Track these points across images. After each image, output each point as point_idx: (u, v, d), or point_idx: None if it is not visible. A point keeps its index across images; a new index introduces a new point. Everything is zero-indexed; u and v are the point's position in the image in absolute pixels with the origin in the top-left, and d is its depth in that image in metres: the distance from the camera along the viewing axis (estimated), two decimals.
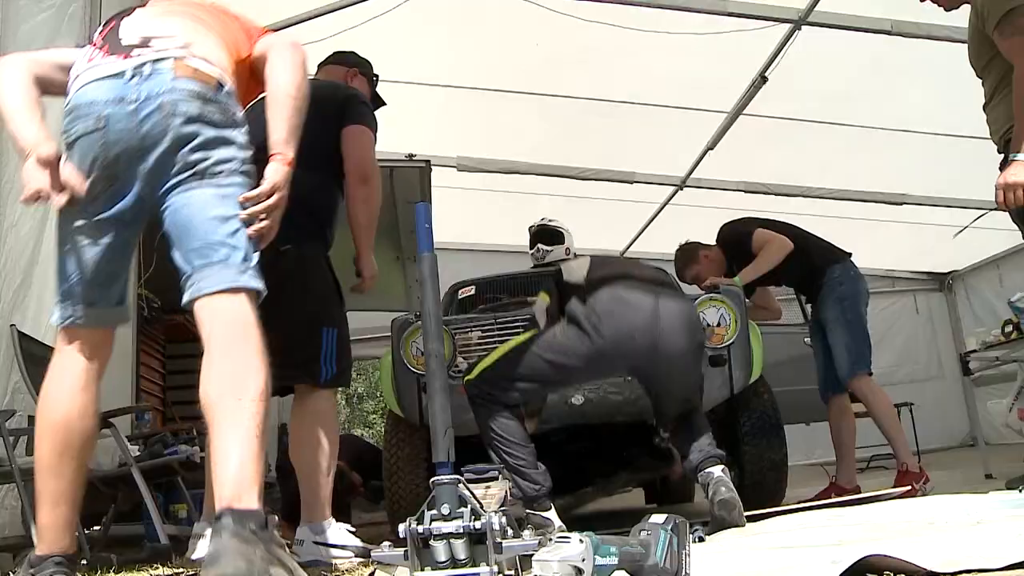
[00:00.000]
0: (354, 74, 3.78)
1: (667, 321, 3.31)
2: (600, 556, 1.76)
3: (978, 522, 2.45)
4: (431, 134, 7.57)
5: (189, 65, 2.23)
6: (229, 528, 1.84)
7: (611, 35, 5.86)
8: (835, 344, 4.70)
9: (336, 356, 3.19)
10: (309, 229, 3.22)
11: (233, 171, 2.22)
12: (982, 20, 3.22)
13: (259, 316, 2.21)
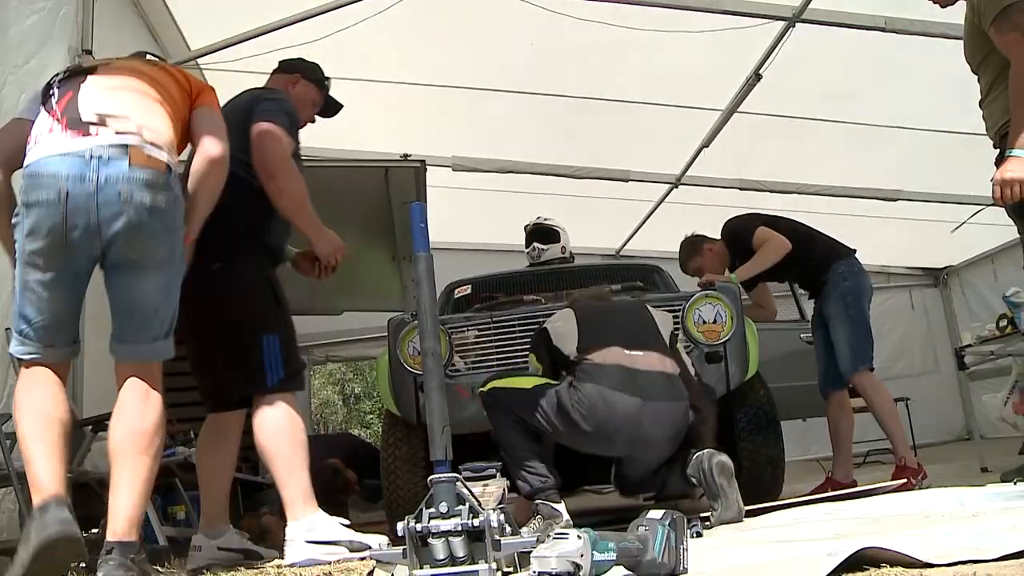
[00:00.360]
0: (295, 80, 3.80)
1: (649, 428, 3.41)
2: (598, 552, 1.77)
3: (973, 515, 2.46)
4: (426, 134, 7.57)
5: (144, 153, 2.53)
6: (116, 559, 2.47)
7: (605, 34, 5.86)
8: (838, 340, 4.72)
9: (282, 361, 3.22)
10: (238, 244, 3.26)
11: (170, 260, 2.65)
12: (978, 16, 3.22)
13: (201, 336, 2.89)
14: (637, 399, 3.39)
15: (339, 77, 6.60)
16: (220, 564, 3.11)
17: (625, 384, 3.42)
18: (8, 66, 4.14)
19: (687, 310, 4.27)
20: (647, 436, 3.41)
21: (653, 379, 3.48)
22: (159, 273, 2.65)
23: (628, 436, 3.41)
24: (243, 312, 3.20)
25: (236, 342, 3.20)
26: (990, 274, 10.35)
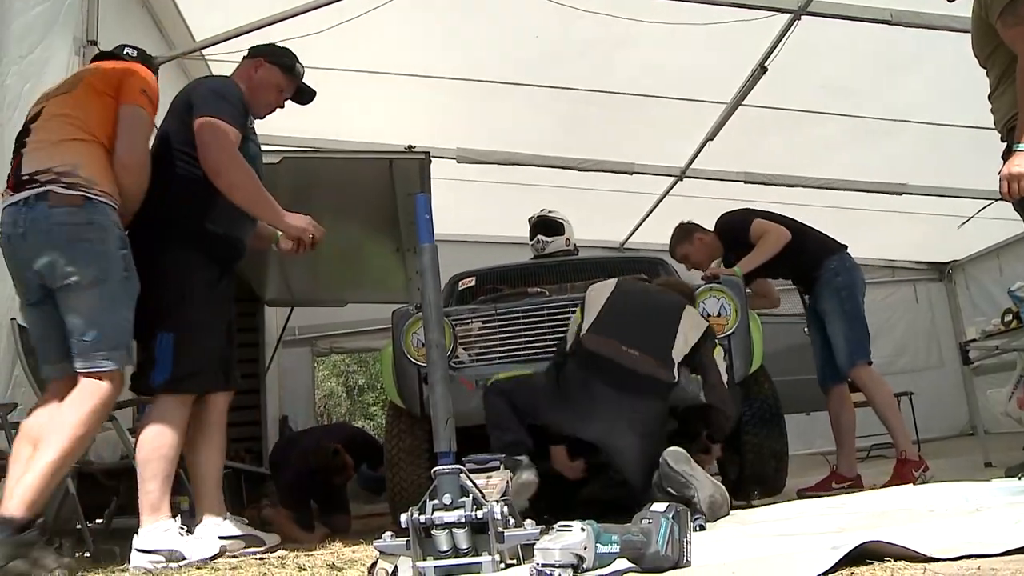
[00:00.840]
0: (259, 64, 3.68)
1: (620, 421, 3.44)
2: (602, 544, 1.77)
3: (977, 509, 2.46)
4: (430, 126, 7.57)
5: (59, 193, 2.94)
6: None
7: (610, 26, 5.84)
8: (834, 335, 4.72)
9: (172, 361, 3.18)
10: (172, 236, 3.26)
11: (103, 279, 2.96)
12: (985, 9, 3.22)
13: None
14: (614, 391, 3.49)
15: (344, 68, 6.65)
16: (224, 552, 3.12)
17: (609, 376, 3.53)
18: (12, 56, 4.13)
19: None
20: (617, 427, 3.44)
21: (637, 378, 3.54)
22: (92, 293, 2.94)
23: (601, 424, 3.45)
24: (147, 305, 3.13)
25: (140, 335, 3.17)
26: (995, 268, 10.33)
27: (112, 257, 2.97)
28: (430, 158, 6.12)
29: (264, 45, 3.82)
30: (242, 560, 2.93)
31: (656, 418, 3.52)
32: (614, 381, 3.52)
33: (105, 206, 2.99)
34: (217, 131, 3.22)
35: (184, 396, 3.23)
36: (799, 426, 5.24)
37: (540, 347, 4.27)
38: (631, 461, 3.36)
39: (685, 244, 5.20)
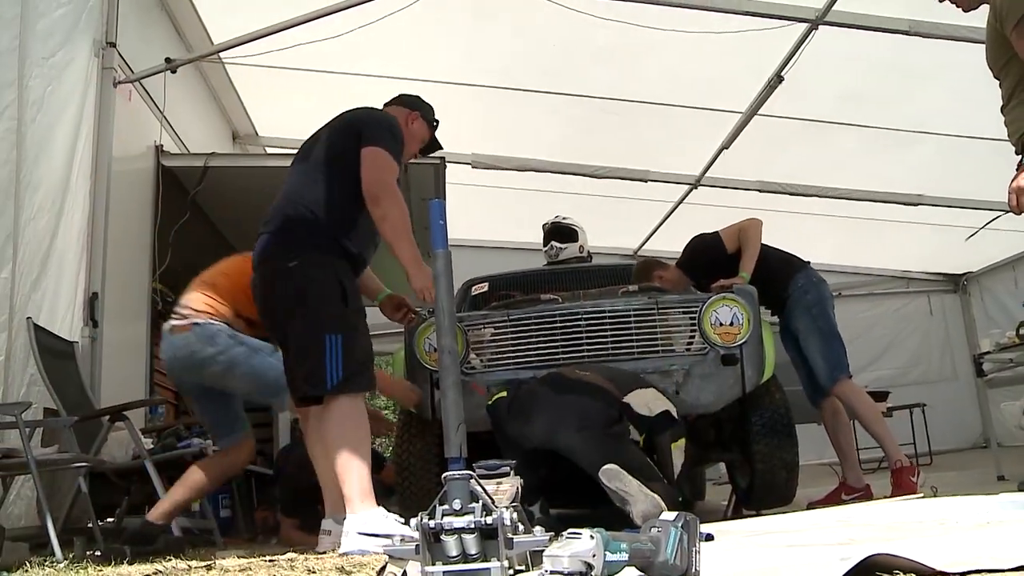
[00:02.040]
0: (414, 117, 3.88)
1: (558, 423, 3.61)
2: (610, 552, 1.77)
3: (988, 523, 2.44)
4: (446, 131, 7.56)
5: (175, 324, 3.77)
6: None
7: (627, 34, 5.85)
8: (811, 354, 4.68)
9: (343, 362, 3.21)
10: (316, 243, 3.33)
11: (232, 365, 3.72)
12: (1000, 20, 3.19)
13: (274, 331, 3.46)
14: (551, 390, 3.76)
15: (359, 73, 6.68)
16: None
17: (555, 383, 3.81)
18: (35, 58, 4.18)
19: (704, 312, 4.25)
20: (555, 425, 3.62)
21: (574, 385, 3.77)
22: (233, 375, 3.73)
23: (543, 422, 3.64)
24: (310, 312, 3.24)
25: (300, 341, 3.25)
26: (1011, 280, 10.27)
27: (230, 349, 3.71)
28: (445, 163, 6.14)
29: (417, 98, 4.01)
30: (252, 562, 2.94)
31: (593, 407, 3.66)
32: (555, 386, 3.77)
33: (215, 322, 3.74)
34: (385, 163, 3.40)
35: (357, 393, 3.30)
36: (811, 436, 5.21)
37: (552, 354, 4.27)
38: (575, 454, 3.51)
39: (657, 272, 5.06)
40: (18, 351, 3.91)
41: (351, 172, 3.38)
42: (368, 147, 3.40)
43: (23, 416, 3.30)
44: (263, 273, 3.37)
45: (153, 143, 5.72)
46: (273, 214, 3.43)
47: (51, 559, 3.01)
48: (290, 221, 3.37)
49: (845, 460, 4.80)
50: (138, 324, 5.51)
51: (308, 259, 3.29)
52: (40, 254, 4.17)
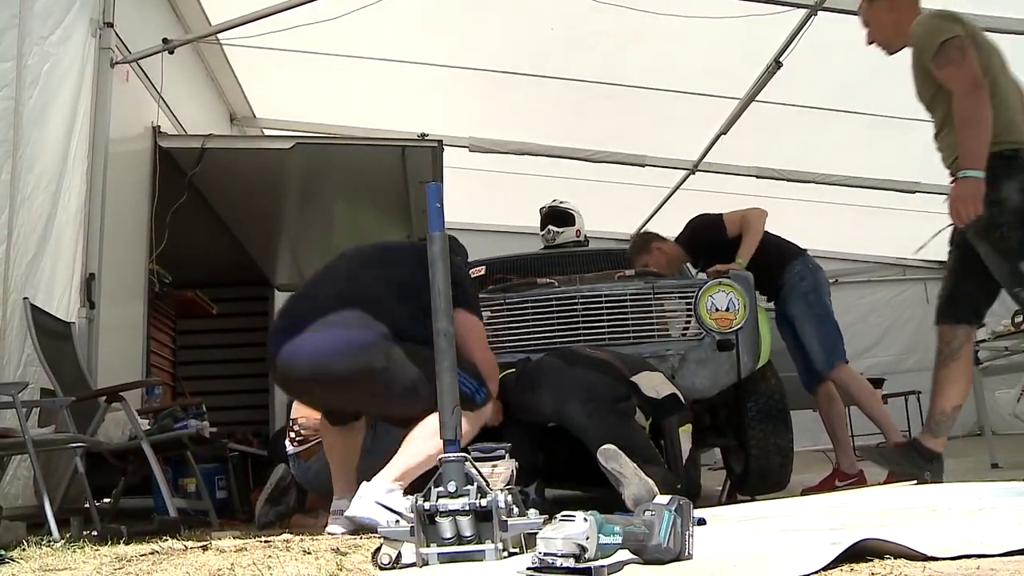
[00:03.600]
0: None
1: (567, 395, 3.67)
2: (604, 535, 1.78)
3: (980, 509, 2.46)
4: (444, 114, 7.58)
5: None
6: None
7: (625, 19, 5.84)
8: (808, 340, 4.69)
9: (476, 382, 3.29)
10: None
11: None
12: (920, 54, 3.53)
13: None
14: (561, 363, 3.80)
15: (358, 56, 6.66)
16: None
17: (563, 356, 3.87)
18: (34, 37, 4.16)
19: (700, 297, 4.26)
20: (564, 397, 3.67)
21: (580, 359, 3.83)
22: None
23: (550, 392, 3.70)
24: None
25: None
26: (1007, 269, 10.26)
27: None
28: (443, 146, 6.13)
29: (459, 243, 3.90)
30: (248, 543, 2.95)
31: (602, 382, 3.70)
32: (558, 364, 3.80)
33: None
34: (477, 332, 3.41)
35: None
36: (805, 422, 5.23)
37: (548, 337, 4.28)
38: (585, 425, 3.55)
39: (644, 255, 5.08)
40: (15, 331, 3.91)
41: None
42: (461, 311, 3.29)
43: (20, 396, 3.30)
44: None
45: (150, 124, 5.70)
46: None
47: (48, 539, 3.02)
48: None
49: (839, 446, 4.81)
50: (135, 305, 5.51)
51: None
52: (36, 234, 4.16)
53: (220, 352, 9.10)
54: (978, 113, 3.33)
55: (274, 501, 4.21)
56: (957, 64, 3.37)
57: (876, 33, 3.95)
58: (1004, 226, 3.36)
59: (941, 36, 3.42)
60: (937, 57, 3.41)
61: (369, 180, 6.74)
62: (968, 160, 3.30)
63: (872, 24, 3.96)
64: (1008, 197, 3.34)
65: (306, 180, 6.82)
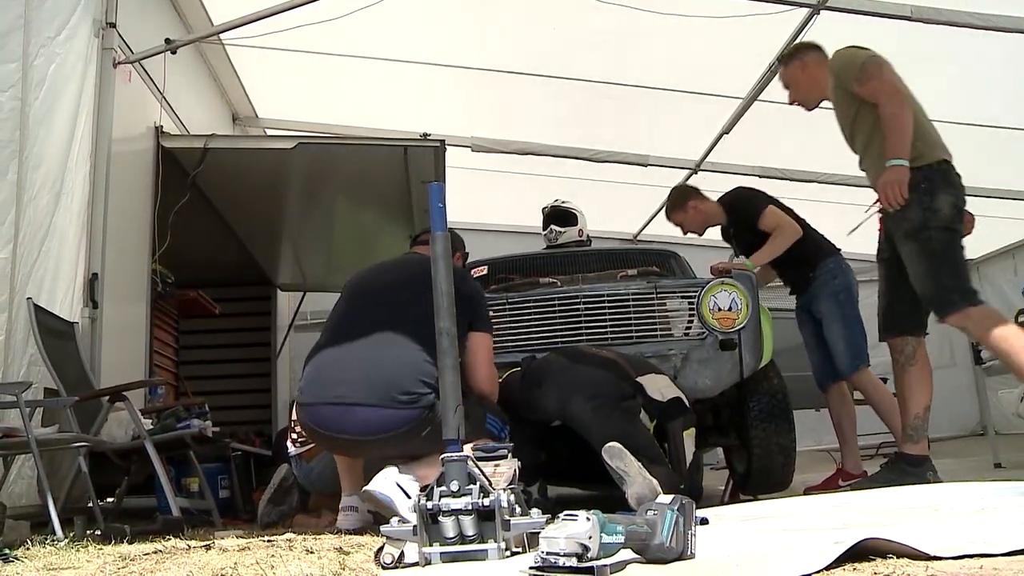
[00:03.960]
0: (457, 258, 3.93)
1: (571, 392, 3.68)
2: (606, 534, 1.78)
3: (983, 509, 2.46)
4: (446, 114, 7.58)
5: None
6: None
7: (628, 18, 5.83)
8: (833, 339, 4.67)
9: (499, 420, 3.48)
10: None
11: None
12: (841, 81, 3.95)
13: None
14: (566, 361, 3.82)
15: (360, 56, 6.66)
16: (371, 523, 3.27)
17: (568, 354, 3.89)
18: (41, 38, 4.17)
19: (702, 296, 4.26)
20: (567, 394, 3.68)
21: (586, 358, 3.86)
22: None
23: (556, 389, 3.72)
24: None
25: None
26: (1010, 268, 10.26)
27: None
28: (445, 146, 6.13)
29: (456, 237, 3.96)
30: (251, 542, 2.96)
31: (606, 380, 3.72)
32: (563, 362, 3.82)
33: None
34: (488, 356, 3.54)
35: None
36: (808, 422, 5.22)
37: (551, 337, 4.28)
38: (590, 422, 3.56)
39: (679, 213, 5.19)
40: (19, 331, 3.91)
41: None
42: (477, 335, 3.48)
43: (24, 396, 3.31)
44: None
45: (153, 124, 5.70)
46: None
47: (52, 538, 3.03)
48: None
49: (846, 445, 4.80)
50: (138, 305, 5.51)
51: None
52: (40, 234, 4.17)
53: (223, 352, 9.11)
54: (902, 112, 3.73)
55: (277, 501, 4.22)
56: (878, 77, 3.79)
57: (795, 93, 4.41)
58: (933, 230, 3.72)
59: (860, 58, 3.87)
60: (859, 75, 3.83)
61: (371, 180, 6.74)
62: (894, 151, 3.68)
63: (791, 85, 4.40)
64: (941, 208, 3.73)
65: (308, 180, 6.83)
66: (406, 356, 3.22)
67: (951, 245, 3.78)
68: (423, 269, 2.96)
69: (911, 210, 3.72)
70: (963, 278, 3.77)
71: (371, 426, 3.18)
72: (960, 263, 3.79)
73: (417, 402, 3.15)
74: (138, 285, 5.51)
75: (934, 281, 3.74)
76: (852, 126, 4.04)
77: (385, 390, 3.17)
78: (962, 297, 3.70)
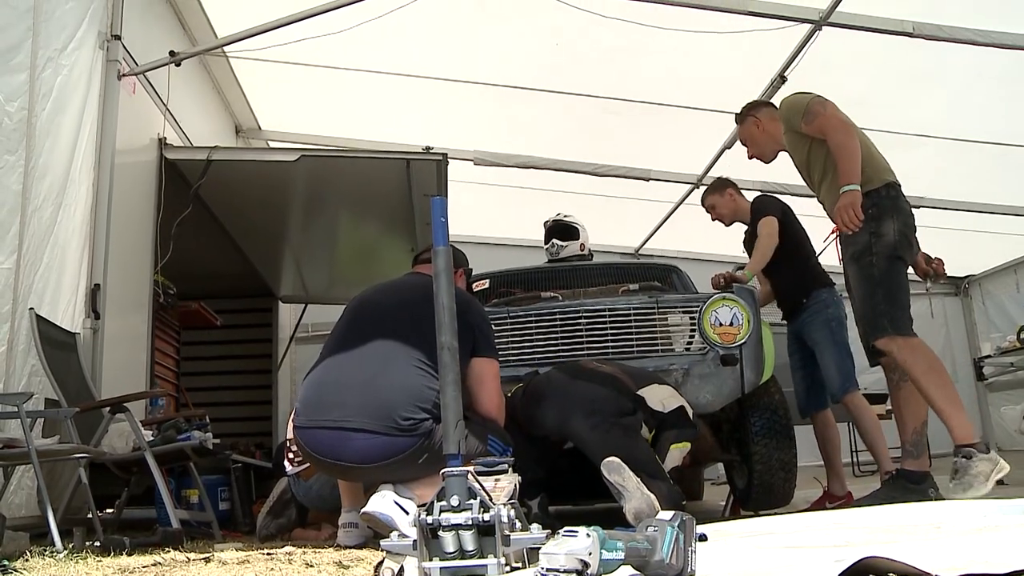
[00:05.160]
0: (460, 274, 3.95)
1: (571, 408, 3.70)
2: (606, 551, 1.78)
3: (984, 527, 2.45)
4: (449, 127, 7.60)
5: None
6: None
7: (630, 34, 5.86)
8: (826, 364, 4.73)
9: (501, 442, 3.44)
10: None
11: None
12: (790, 125, 4.16)
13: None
14: (567, 383, 3.82)
15: (363, 69, 6.69)
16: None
17: (564, 377, 3.88)
18: (49, 50, 4.20)
19: (704, 312, 4.27)
20: (567, 410, 3.71)
21: (586, 374, 3.87)
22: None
23: (555, 406, 3.74)
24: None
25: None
26: (1012, 284, 10.26)
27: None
28: (447, 159, 6.14)
29: (460, 254, 4.01)
30: (250, 555, 2.95)
31: (605, 397, 3.73)
32: (565, 378, 3.84)
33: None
34: (495, 384, 3.52)
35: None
36: (809, 437, 5.21)
37: (552, 351, 4.28)
38: (589, 439, 3.58)
39: (715, 195, 5.34)
40: (20, 342, 3.91)
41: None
42: (480, 361, 3.46)
43: (24, 406, 3.31)
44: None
45: (156, 136, 5.72)
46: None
47: (51, 549, 3.02)
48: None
49: (831, 469, 4.86)
50: (140, 316, 5.52)
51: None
52: (43, 244, 4.18)
53: (224, 363, 9.11)
54: (848, 140, 3.93)
55: (276, 513, 4.21)
56: (822, 114, 3.99)
57: (752, 148, 4.65)
58: (875, 255, 3.85)
59: (804, 100, 4.08)
60: (806, 116, 4.03)
61: (373, 193, 6.75)
62: (846, 177, 3.83)
63: (748, 142, 4.65)
64: (886, 233, 3.87)
65: (311, 192, 6.84)
66: (404, 380, 3.20)
67: (891, 272, 3.89)
68: (425, 291, 2.96)
69: (859, 234, 3.87)
70: (898, 306, 3.88)
71: (367, 453, 3.16)
72: (897, 290, 3.89)
73: (415, 429, 3.13)
74: (140, 296, 5.52)
75: (869, 306, 3.88)
76: (808, 166, 4.21)
77: (382, 415, 3.14)
78: (891, 324, 3.84)
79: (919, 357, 3.84)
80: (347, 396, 3.22)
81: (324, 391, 3.32)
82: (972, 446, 3.73)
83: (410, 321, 3.34)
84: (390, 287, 3.76)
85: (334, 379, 3.34)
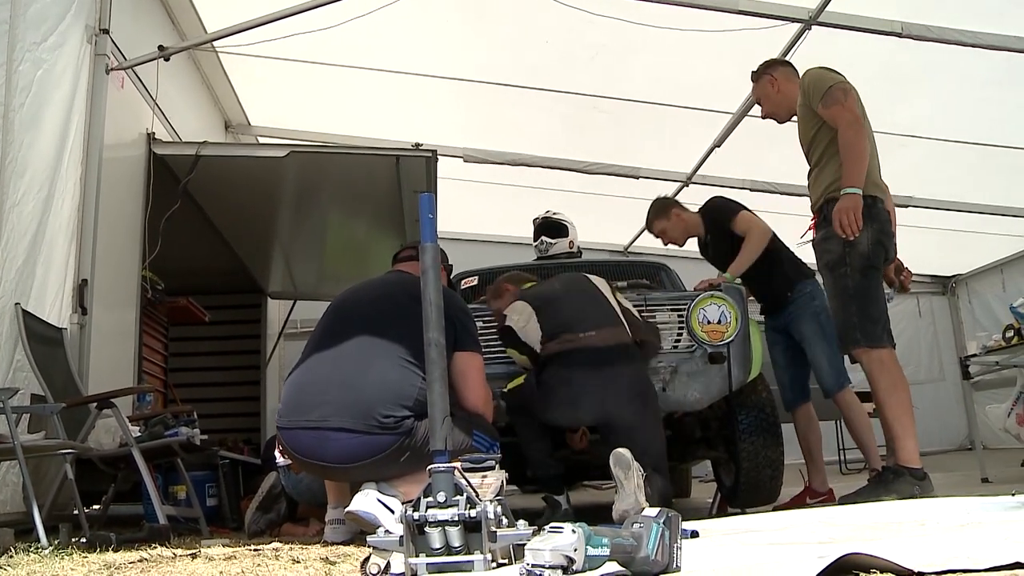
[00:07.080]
0: (442, 271, 3.87)
1: (613, 397, 3.75)
2: (592, 547, 1.79)
3: (968, 524, 2.46)
4: (438, 124, 7.59)
5: None
6: None
7: (620, 32, 5.86)
8: (817, 358, 4.65)
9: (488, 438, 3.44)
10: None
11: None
12: (808, 98, 4.07)
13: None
14: (592, 372, 3.78)
15: (353, 65, 6.67)
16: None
17: (582, 363, 3.82)
18: (26, 43, 4.16)
19: (692, 309, 4.27)
20: (609, 400, 3.76)
21: (606, 352, 3.83)
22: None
23: (594, 405, 3.77)
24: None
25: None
26: (999, 283, 10.33)
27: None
28: (437, 156, 6.14)
29: (443, 252, 3.91)
30: (237, 551, 2.95)
31: (637, 375, 3.87)
32: (588, 364, 3.79)
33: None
34: (479, 375, 3.52)
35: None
36: (792, 434, 5.23)
37: None
38: (633, 425, 3.67)
39: (662, 220, 5.15)
40: (5, 337, 3.90)
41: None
42: (464, 354, 3.44)
43: (10, 402, 3.30)
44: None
45: (145, 131, 5.70)
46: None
47: (36, 545, 3.01)
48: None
49: (813, 465, 4.83)
50: (127, 312, 5.50)
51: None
52: (27, 240, 4.15)
53: (212, 359, 9.09)
54: (859, 142, 3.87)
55: (264, 509, 4.21)
56: (841, 103, 3.92)
57: (766, 106, 4.64)
58: (848, 266, 3.87)
59: (828, 81, 4.00)
60: (824, 98, 3.96)
61: (363, 189, 6.75)
62: (850, 180, 3.80)
63: (761, 99, 4.64)
64: (860, 242, 3.83)
65: (300, 188, 6.83)
66: (384, 378, 3.20)
67: (863, 284, 3.90)
68: (405, 288, 2.96)
69: (832, 241, 3.88)
70: (870, 318, 3.91)
71: (348, 452, 3.16)
72: (870, 303, 3.92)
73: (396, 427, 3.13)
74: (128, 291, 5.50)
75: (842, 318, 3.97)
76: (810, 143, 4.19)
77: (362, 414, 3.14)
78: (864, 336, 3.89)
79: (884, 373, 3.92)
80: (327, 396, 3.22)
81: (305, 391, 3.32)
82: (912, 471, 3.79)
83: (391, 319, 3.34)
84: (370, 286, 3.76)
85: (314, 379, 3.34)
